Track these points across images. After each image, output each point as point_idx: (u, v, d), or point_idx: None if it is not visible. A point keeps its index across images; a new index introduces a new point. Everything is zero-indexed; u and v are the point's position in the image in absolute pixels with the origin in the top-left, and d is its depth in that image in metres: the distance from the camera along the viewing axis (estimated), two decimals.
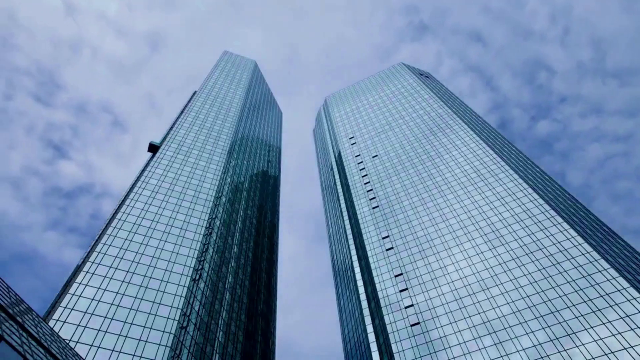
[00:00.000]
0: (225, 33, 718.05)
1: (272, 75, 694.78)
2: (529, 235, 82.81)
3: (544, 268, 75.30)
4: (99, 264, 70.46)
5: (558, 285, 71.28)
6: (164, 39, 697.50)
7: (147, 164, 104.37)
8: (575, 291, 69.10)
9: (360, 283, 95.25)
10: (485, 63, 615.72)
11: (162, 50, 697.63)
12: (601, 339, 61.17)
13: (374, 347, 79.02)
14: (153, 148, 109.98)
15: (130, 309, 65.06)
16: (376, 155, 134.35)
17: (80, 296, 63.63)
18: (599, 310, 64.84)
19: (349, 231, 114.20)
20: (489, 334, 69.74)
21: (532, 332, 66.68)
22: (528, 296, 72.15)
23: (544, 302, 69.93)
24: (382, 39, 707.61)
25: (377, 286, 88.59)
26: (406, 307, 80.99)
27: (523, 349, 65.01)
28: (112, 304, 64.52)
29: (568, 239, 78.22)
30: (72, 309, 61.16)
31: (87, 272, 68.20)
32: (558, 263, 74.90)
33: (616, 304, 64.41)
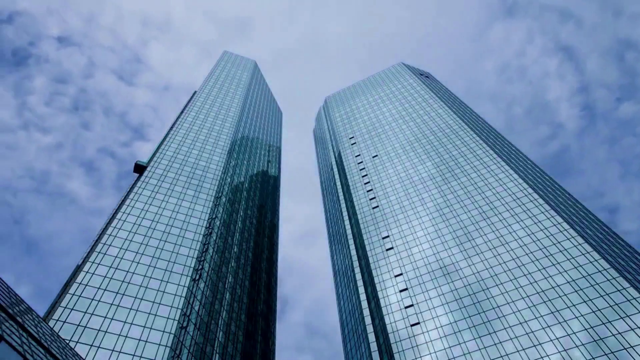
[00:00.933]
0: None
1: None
2: (529, 235, 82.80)
3: (544, 268, 75.29)
4: (99, 264, 70.46)
5: (558, 285, 71.28)
6: (252, 24, 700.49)
7: (147, 164, 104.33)
8: (575, 291, 69.10)
9: (360, 283, 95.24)
10: (574, 42, 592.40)
11: (249, 35, 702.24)
12: (601, 338, 61.17)
13: (374, 347, 79.01)
14: (139, 169, 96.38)
15: (130, 309, 65.07)
16: (376, 155, 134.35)
17: (80, 296, 63.62)
18: (599, 310, 64.84)
19: (349, 231, 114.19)
20: (489, 334, 69.74)
21: (532, 332, 66.68)
22: (528, 296, 72.15)
23: (544, 302, 69.93)
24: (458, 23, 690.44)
25: (377, 286, 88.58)
26: (406, 307, 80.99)
27: (523, 349, 65.02)
28: (112, 304, 64.51)
29: (568, 239, 78.21)
30: (72, 309, 61.16)
31: (87, 272, 68.20)
32: (558, 263, 74.89)
33: (616, 304, 64.41)
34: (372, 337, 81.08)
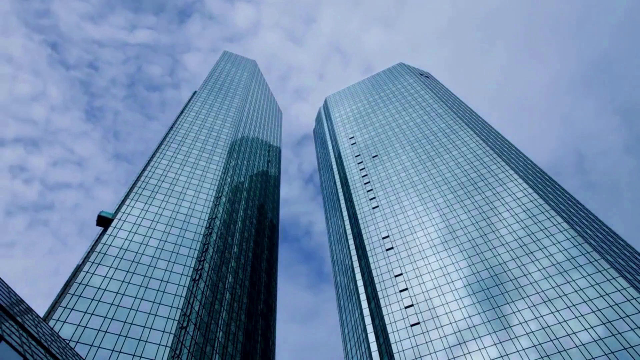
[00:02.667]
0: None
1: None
2: (528, 235, 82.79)
3: (544, 268, 75.29)
4: (99, 264, 70.46)
5: (558, 285, 71.27)
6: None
7: (147, 164, 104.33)
8: (576, 291, 69.10)
9: (360, 283, 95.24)
10: None
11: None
12: (601, 339, 61.17)
13: (374, 347, 79.01)
14: (103, 221, 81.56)
15: (130, 309, 65.06)
16: (376, 155, 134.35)
17: (80, 296, 63.63)
18: (599, 310, 64.84)
19: (349, 231, 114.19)
20: (489, 334, 69.75)
21: (532, 332, 66.69)
22: (528, 296, 72.15)
23: (544, 302, 69.92)
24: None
25: (377, 286, 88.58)
26: (406, 307, 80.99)
27: (523, 349, 65.02)
28: (112, 304, 64.51)
29: (568, 239, 78.20)
30: (72, 309, 61.16)
31: (87, 272, 68.20)
32: (558, 263, 74.88)
33: (616, 304, 64.40)
34: (372, 337, 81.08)
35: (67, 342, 55.22)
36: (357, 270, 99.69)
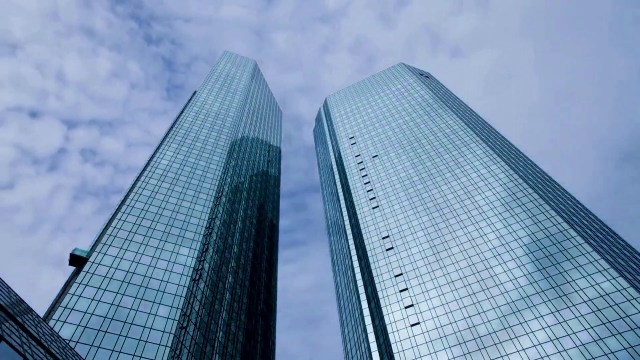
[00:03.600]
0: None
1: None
2: (528, 235, 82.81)
3: (544, 268, 75.30)
4: (99, 263, 70.45)
5: (558, 285, 71.28)
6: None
7: (147, 164, 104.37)
8: (576, 291, 69.10)
9: (360, 283, 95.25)
10: None
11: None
12: (601, 338, 61.18)
13: (374, 347, 79.02)
14: (76, 261, 71.10)
15: (130, 309, 65.07)
16: (376, 155, 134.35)
17: (80, 296, 63.64)
18: (599, 310, 64.84)
19: (349, 231, 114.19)
20: (489, 334, 69.75)
21: (532, 332, 66.69)
22: (528, 296, 72.16)
23: (544, 302, 69.93)
24: None
25: (377, 286, 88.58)
26: (406, 307, 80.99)
27: (523, 349, 65.03)
28: (112, 304, 64.52)
29: (568, 239, 78.21)
30: (72, 309, 61.17)
31: (87, 272, 68.19)
32: (558, 263, 74.89)
33: (616, 304, 64.40)
34: (372, 337, 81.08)
35: (67, 342, 55.22)
36: (357, 270, 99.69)
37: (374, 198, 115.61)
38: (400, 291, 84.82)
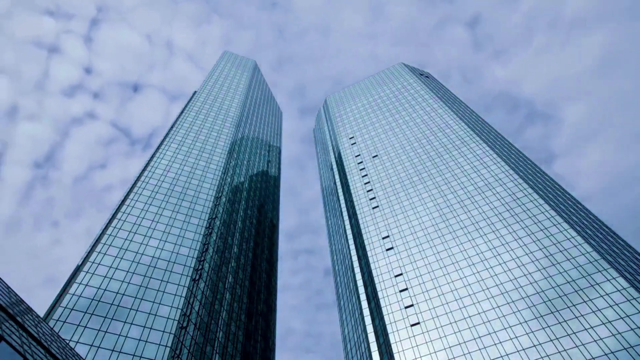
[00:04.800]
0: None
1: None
2: (529, 235, 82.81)
3: (544, 268, 75.30)
4: (99, 264, 70.48)
5: (558, 285, 71.29)
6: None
7: (147, 164, 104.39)
8: (575, 291, 69.11)
9: (360, 283, 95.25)
10: None
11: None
12: (601, 339, 61.18)
13: (374, 347, 79.02)
14: None
15: (131, 308, 65.08)
16: (376, 155, 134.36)
17: (80, 296, 63.64)
18: (599, 310, 64.84)
19: (349, 231, 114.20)
20: (489, 334, 69.74)
21: (532, 332, 66.69)
22: (528, 296, 72.16)
23: (544, 302, 69.93)
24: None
25: (377, 286, 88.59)
26: (406, 307, 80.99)
27: (523, 349, 65.02)
28: (112, 304, 64.52)
29: (568, 239, 78.21)
30: (72, 309, 61.17)
31: (87, 272, 68.21)
32: (558, 263, 74.90)
33: (616, 304, 64.41)
34: (372, 337, 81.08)
35: (67, 342, 55.23)
36: (357, 270, 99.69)
37: (374, 198, 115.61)
38: (400, 291, 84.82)
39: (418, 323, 76.99)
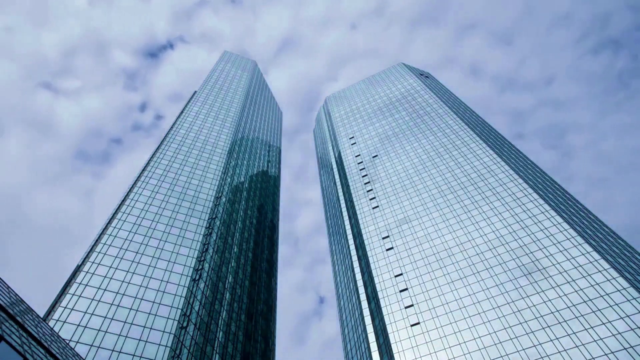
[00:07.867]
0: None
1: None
2: (528, 235, 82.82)
3: (544, 268, 75.30)
4: (99, 264, 70.47)
5: (558, 285, 71.29)
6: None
7: (147, 164, 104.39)
8: (576, 291, 69.11)
9: (360, 283, 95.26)
10: None
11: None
12: (601, 339, 61.18)
13: (374, 347, 79.02)
14: None
15: (130, 309, 65.08)
16: (376, 155, 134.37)
17: (80, 296, 63.64)
18: (599, 310, 64.85)
19: (349, 231, 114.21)
20: (489, 334, 69.74)
21: (532, 332, 66.69)
22: (528, 296, 72.16)
23: (544, 302, 69.93)
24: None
25: (377, 286, 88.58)
26: (406, 307, 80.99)
27: (523, 349, 65.02)
28: (112, 304, 64.52)
29: (568, 239, 78.22)
30: (72, 309, 61.17)
31: (87, 272, 68.21)
32: (558, 263, 74.90)
33: (616, 304, 64.42)
34: (372, 337, 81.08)
35: (67, 342, 55.22)
36: (357, 270, 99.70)
37: (374, 198, 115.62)
38: (400, 291, 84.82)
39: (418, 323, 76.99)
